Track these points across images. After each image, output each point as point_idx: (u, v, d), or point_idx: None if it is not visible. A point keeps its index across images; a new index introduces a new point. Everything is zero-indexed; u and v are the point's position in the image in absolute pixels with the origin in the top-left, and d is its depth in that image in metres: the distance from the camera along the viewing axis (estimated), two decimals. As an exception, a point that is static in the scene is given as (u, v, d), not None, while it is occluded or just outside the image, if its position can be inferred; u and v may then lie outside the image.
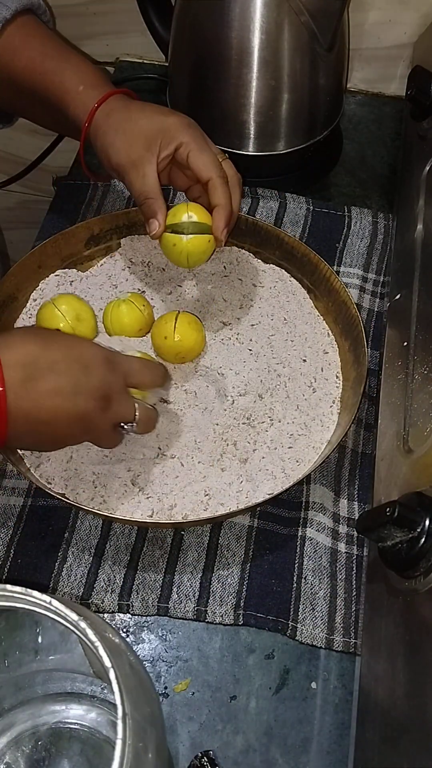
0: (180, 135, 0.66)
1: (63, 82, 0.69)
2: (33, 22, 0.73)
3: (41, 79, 0.69)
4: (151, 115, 0.67)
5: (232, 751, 0.54)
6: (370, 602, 0.57)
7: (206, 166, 0.66)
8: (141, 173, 0.66)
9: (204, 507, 0.61)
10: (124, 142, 0.66)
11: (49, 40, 0.72)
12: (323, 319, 0.74)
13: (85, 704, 0.53)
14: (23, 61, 0.70)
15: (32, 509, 0.63)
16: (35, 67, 0.69)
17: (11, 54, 0.70)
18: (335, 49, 0.78)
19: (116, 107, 0.68)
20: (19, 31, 0.71)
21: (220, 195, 0.66)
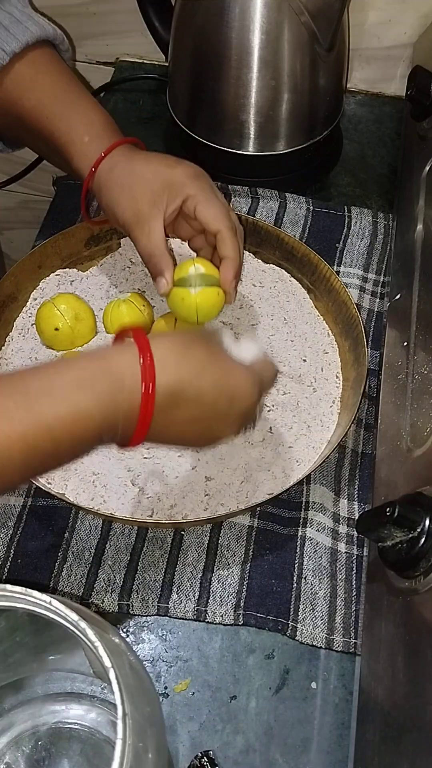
0: (187, 188, 0.63)
1: (69, 131, 0.66)
2: (47, 56, 0.70)
3: (47, 123, 0.67)
4: (156, 168, 0.64)
5: (232, 751, 0.54)
6: (370, 602, 0.57)
7: (215, 219, 0.63)
8: (147, 230, 0.63)
9: (204, 507, 0.61)
10: (129, 199, 0.64)
11: (60, 79, 0.69)
12: (323, 319, 0.74)
13: (85, 704, 0.53)
14: (31, 101, 0.67)
15: (32, 509, 0.63)
16: (42, 110, 0.67)
17: (20, 92, 0.68)
18: (335, 49, 0.78)
19: (120, 161, 0.65)
20: (30, 68, 0.68)
21: (229, 247, 0.64)
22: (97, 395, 0.44)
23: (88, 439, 0.45)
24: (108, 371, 0.45)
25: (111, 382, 0.45)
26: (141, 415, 0.46)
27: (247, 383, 0.52)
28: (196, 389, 0.48)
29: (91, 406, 0.44)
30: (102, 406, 0.44)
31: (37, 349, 0.70)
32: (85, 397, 0.44)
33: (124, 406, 0.45)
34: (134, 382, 0.45)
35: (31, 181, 0.99)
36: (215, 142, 0.83)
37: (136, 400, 0.45)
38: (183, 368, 0.48)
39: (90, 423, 0.44)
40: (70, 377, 0.45)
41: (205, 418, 0.50)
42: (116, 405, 0.45)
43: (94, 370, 0.45)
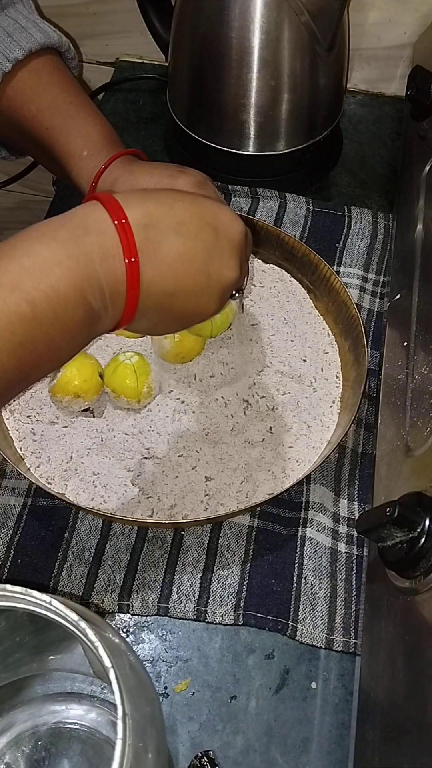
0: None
1: (68, 143, 0.65)
2: (51, 64, 0.68)
3: (47, 134, 0.66)
4: (159, 180, 0.61)
5: (232, 751, 0.54)
6: (370, 602, 0.57)
7: None
8: None
9: (204, 507, 0.62)
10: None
11: (62, 89, 0.67)
12: (323, 319, 0.74)
13: (85, 704, 0.53)
14: (32, 111, 0.66)
15: (32, 509, 0.63)
16: (42, 121, 0.66)
17: (21, 101, 0.66)
18: (335, 49, 0.78)
19: (121, 175, 0.63)
20: (32, 76, 0.66)
21: None
22: (59, 242, 0.42)
23: (69, 297, 0.41)
24: (68, 219, 0.43)
25: (72, 227, 0.43)
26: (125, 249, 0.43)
27: (228, 212, 0.49)
28: (172, 218, 0.45)
29: (56, 253, 0.41)
30: (68, 251, 0.42)
31: (37, 349, 0.70)
32: (47, 247, 0.42)
33: (96, 251, 0.42)
34: (100, 221, 0.43)
35: (31, 181, 0.99)
36: (215, 142, 0.83)
37: (109, 241, 0.43)
38: (151, 201, 0.45)
39: (60, 272, 0.41)
40: (28, 235, 0.43)
41: (196, 252, 0.46)
42: (84, 249, 0.42)
43: (51, 223, 0.43)
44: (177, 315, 0.48)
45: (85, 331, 0.44)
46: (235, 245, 0.48)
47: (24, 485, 0.64)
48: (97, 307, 0.43)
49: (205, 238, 0.47)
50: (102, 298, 0.43)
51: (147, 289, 0.45)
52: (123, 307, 0.44)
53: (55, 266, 0.41)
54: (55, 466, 0.63)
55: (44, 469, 0.63)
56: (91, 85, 1.02)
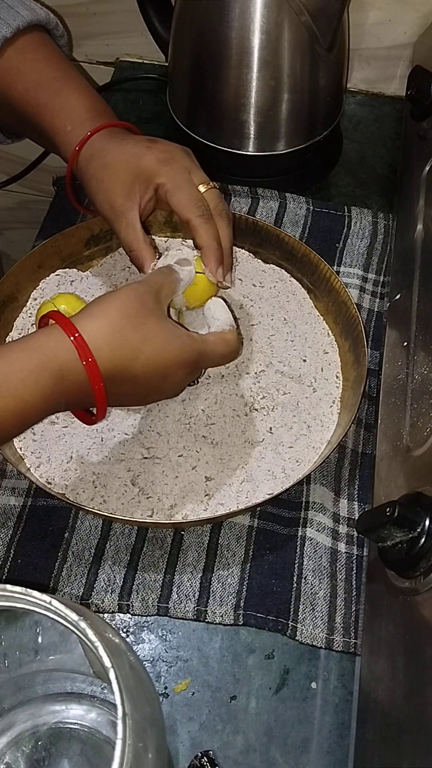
0: (156, 176, 0.62)
1: (53, 120, 0.66)
2: (38, 42, 0.68)
3: (34, 112, 0.66)
4: (127, 158, 0.62)
5: (232, 751, 0.54)
6: (370, 602, 0.57)
7: (183, 207, 0.62)
8: (124, 223, 0.63)
9: (204, 507, 0.62)
10: (105, 192, 0.63)
11: (48, 65, 0.67)
12: (323, 319, 0.74)
13: (85, 704, 0.53)
14: (19, 90, 0.66)
15: (32, 509, 0.63)
16: (29, 99, 0.66)
17: (9, 80, 0.67)
18: (335, 49, 0.78)
19: (96, 150, 0.64)
20: (19, 54, 0.67)
21: (203, 235, 0.61)
22: (41, 388, 0.49)
23: (33, 422, 0.51)
24: (49, 366, 0.49)
25: (52, 376, 0.49)
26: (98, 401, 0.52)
27: (184, 358, 0.56)
28: (129, 373, 0.53)
29: (37, 399, 0.49)
30: (46, 396, 0.49)
31: (37, 349, 0.70)
32: (31, 392, 0.49)
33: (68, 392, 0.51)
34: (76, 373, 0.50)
35: (31, 181, 0.99)
36: (215, 142, 0.83)
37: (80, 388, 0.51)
38: (117, 354, 0.52)
39: (35, 411, 0.50)
40: (14, 372, 0.49)
41: (139, 393, 0.56)
42: (59, 393, 0.50)
43: (35, 366, 0.49)
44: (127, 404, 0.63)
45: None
46: (174, 386, 0.59)
47: (24, 485, 0.64)
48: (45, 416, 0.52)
49: (152, 384, 0.55)
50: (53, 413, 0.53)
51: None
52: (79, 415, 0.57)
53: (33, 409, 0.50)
54: (55, 466, 0.63)
55: (44, 469, 0.63)
56: (91, 84, 1.02)
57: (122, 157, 0.63)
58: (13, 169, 0.97)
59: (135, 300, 0.54)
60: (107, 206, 0.63)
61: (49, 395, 0.49)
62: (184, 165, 0.63)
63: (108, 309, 0.54)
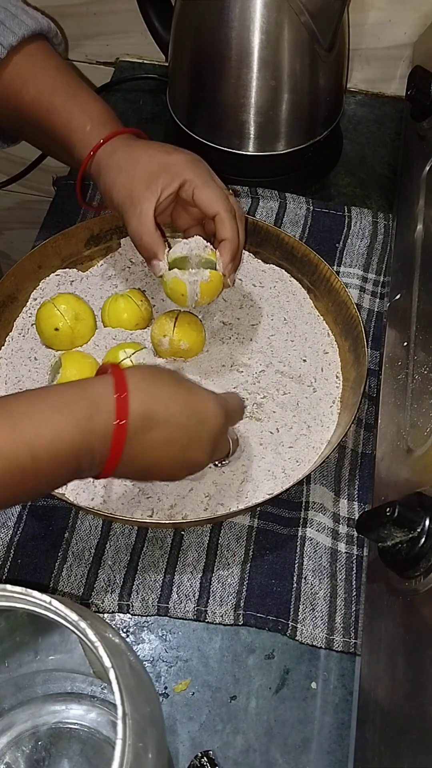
0: (183, 172, 0.64)
1: (70, 120, 0.67)
2: (43, 50, 0.70)
3: (47, 115, 0.68)
4: (154, 153, 0.65)
5: (232, 751, 0.54)
6: (370, 602, 0.57)
7: (213, 201, 0.64)
8: (138, 211, 0.64)
9: (204, 507, 0.62)
10: (125, 180, 0.64)
11: (58, 72, 0.69)
12: (323, 319, 0.74)
13: (85, 704, 0.53)
14: (31, 94, 0.68)
15: (32, 509, 0.63)
16: (42, 102, 0.67)
17: (18, 85, 0.68)
18: (335, 49, 0.78)
19: (120, 146, 0.66)
20: (27, 61, 0.68)
21: (228, 229, 0.64)
22: (75, 418, 0.47)
23: (66, 460, 0.47)
24: (85, 396, 0.48)
25: (88, 406, 0.47)
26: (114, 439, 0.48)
27: (214, 406, 0.54)
28: (167, 411, 0.51)
29: (69, 427, 0.46)
30: (80, 427, 0.47)
31: (36, 349, 0.70)
32: (64, 419, 0.46)
33: (100, 428, 0.47)
34: (109, 405, 0.48)
35: (31, 181, 0.99)
36: (215, 142, 0.83)
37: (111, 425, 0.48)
38: (154, 392, 0.51)
39: (68, 443, 0.46)
40: (50, 400, 0.47)
41: (177, 438, 0.52)
42: (92, 427, 0.47)
43: (73, 395, 0.48)
44: (153, 477, 0.56)
45: (66, 481, 0.50)
46: (213, 435, 0.54)
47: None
48: (85, 468, 0.49)
49: (189, 427, 0.52)
50: (91, 464, 0.48)
51: (130, 460, 0.50)
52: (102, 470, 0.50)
53: (65, 437, 0.46)
54: (55, 466, 0.63)
55: (44, 469, 0.63)
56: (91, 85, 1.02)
57: (149, 152, 0.65)
58: (13, 169, 0.97)
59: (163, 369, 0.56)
60: (125, 193, 0.64)
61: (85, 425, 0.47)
62: (208, 169, 0.66)
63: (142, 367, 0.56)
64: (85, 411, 0.47)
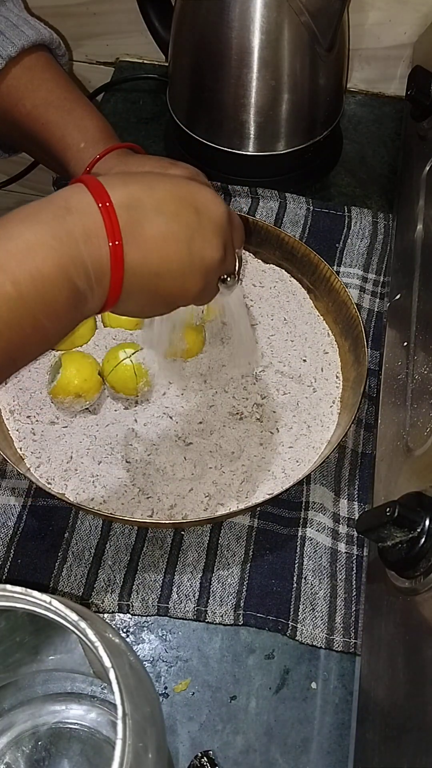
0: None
1: (64, 136, 0.66)
2: (42, 61, 0.69)
3: (43, 129, 0.66)
4: (153, 168, 0.62)
5: (232, 751, 0.54)
6: (370, 602, 0.57)
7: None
8: None
9: (204, 507, 0.62)
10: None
11: (56, 85, 0.68)
12: (323, 319, 0.74)
13: (85, 704, 0.53)
14: (27, 107, 0.67)
15: (32, 509, 0.63)
16: (38, 117, 0.66)
17: (16, 98, 0.67)
18: (335, 49, 0.78)
19: (114, 165, 0.63)
20: (25, 73, 0.67)
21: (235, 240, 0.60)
22: (42, 223, 0.42)
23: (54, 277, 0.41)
24: (50, 201, 0.43)
25: (55, 208, 0.43)
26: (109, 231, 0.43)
27: (209, 192, 0.49)
28: (154, 200, 0.45)
29: (39, 234, 0.41)
30: (51, 231, 0.41)
31: (37, 349, 0.70)
32: (30, 229, 0.41)
33: (77, 229, 0.42)
34: (83, 203, 0.43)
35: (31, 181, 0.99)
36: (215, 142, 0.83)
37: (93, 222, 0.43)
38: (132, 182, 0.46)
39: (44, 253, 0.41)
40: (10, 218, 0.42)
41: (178, 231, 0.46)
42: (67, 228, 0.42)
43: (33, 206, 0.43)
44: (162, 295, 0.48)
45: (72, 313, 0.44)
46: (216, 225, 0.48)
47: (24, 485, 0.64)
48: (83, 288, 0.43)
49: (187, 217, 0.47)
50: (87, 279, 0.43)
51: (133, 270, 0.44)
52: (108, 288, 0.44)
53: (38, 247, 0.41)
54: (55, 466, 0.63)
55: (44, 469, 0.63)
56: (91, 85, 1.02)
57: (146, 168, 0.62)
58: (13, 169, 0.97)
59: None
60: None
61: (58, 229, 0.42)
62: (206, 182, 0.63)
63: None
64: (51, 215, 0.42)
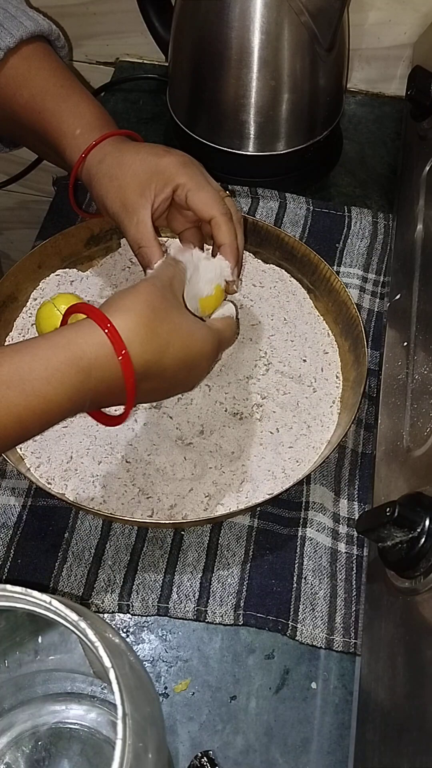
0: (176, 176, 0.62)
1: (60, 124, 0.66)
2: (40, 52, 0.69)
3: (39, 118, 0.67)
4: (145, 157, 0.63)
5: (232, 751, 0.54)
6: (370, 602, 0.57)
7: (207, 205, 0.62)
8: (135, 220, 0.62)
9: (204, 507, 0.61)
10: (117, 189, 0.63)
11: (53, 75, 0.68)
12: (323, 319, 0.74)
13: (85, 704, 0.53)
14: (24, 97, 0.67)
15: (32, 509, 0.63)
16: (35, 106, 0.67)
17: (14, 88, 0.67)
18: (335, 49, 0.78)
19: (110, 151, 0.64)
20: (24, 63, 0.67)
21: (225, 233, 0.62)
22: (67, 387, 0.47)
23: (55, 422, 0.49)
24: (76, 363, 0.48)
25: (79, 373, 0.48)
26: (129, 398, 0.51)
27: (207, 349, 0.56)
28: (160, 367, 0.52)
29: (61, 398, 0.47)
30: (71, 396, 0.48)
31: (37, 349, 0.70)
32: (55, 391, 0.47)
33: (95, 390, 0.49)
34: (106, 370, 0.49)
35: (31, 181, 0.99)
36: (215, 142, 0.83)
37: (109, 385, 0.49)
38: (148, 349, 0.51)
39: (59, 411, 0.48)
40: (38, 370, 0.47)
41: (165, 387, 0.55)
42: (86, 392, 0.48)
43: (61, 363, 0.48)
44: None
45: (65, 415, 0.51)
46: (199, 376, 0.58)
47: (24, 485, 0.64)
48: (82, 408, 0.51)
49: (178, 379, 0.55)
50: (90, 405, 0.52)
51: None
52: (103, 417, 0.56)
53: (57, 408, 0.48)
54: (55, 466, 0.63)
55: (44, 469, 0.63)
56: (91, 85, 1.02)
57: (140, 156, 0.63)
58: (13, 169, 0.97)
59: (158, 293, 0.53)
60: (119, 203, 0.63)
61: (75, 394, 0.48)
62: (201, 170, 0.64)
63: (135, 302, 0.52)
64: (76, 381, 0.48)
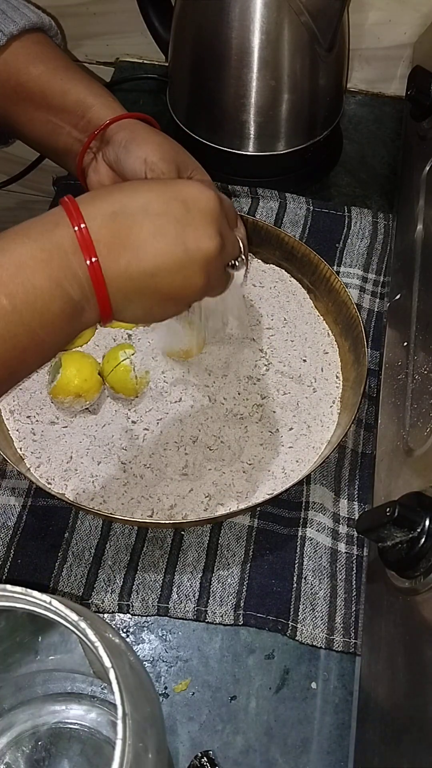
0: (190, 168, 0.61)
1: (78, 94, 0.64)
2: (43, 41, 0.69)
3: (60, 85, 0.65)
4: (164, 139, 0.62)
5: (232, 751, 0.54)
6: (370, 602, 0.57)
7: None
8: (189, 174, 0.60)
9: (204, 507, 0.62)
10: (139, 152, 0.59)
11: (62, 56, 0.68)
12: (323, 319, 0.74)
13: (85, 704, 0.53)
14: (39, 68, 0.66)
15: (32, 509, 0.63)
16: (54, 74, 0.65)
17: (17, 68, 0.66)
18: (335, 49, 0.78)
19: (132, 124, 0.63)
20: (26, 49, 0.67)
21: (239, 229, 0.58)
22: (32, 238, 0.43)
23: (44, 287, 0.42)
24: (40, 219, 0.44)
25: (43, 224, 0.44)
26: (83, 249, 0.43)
27: (196, 185, 0.48)
28: (138, 203, 0.45)
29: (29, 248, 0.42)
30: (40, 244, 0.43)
31: (37, 349, 0.70)
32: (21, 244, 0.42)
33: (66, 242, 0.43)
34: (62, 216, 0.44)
35: (31, 181, 0.99)
36: (215, 142, 0.83)
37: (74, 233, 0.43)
38: (115, 192, 0.46)
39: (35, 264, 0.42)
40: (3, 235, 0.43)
41: (167, 226, 0.45)
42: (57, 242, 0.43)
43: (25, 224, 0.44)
44: (165, 294, 0.47)
45: (69, 323, 0.44)
46: (207, 213, 0.47)
47: (24, 485, 0.64)
48: (78, 298, 0.43)
49: (175, 212, 0.46)
50: (81, 289, 0.43)
51: (128, 275, 0.45)
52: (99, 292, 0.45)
53: (29, 260, 0.42)
54: (55, 466, 0.63)
55: (44, 469, 0.63)
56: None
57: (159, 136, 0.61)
58: (13, 169, 0.97)
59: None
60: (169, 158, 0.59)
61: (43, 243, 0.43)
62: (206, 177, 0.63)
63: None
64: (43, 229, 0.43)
